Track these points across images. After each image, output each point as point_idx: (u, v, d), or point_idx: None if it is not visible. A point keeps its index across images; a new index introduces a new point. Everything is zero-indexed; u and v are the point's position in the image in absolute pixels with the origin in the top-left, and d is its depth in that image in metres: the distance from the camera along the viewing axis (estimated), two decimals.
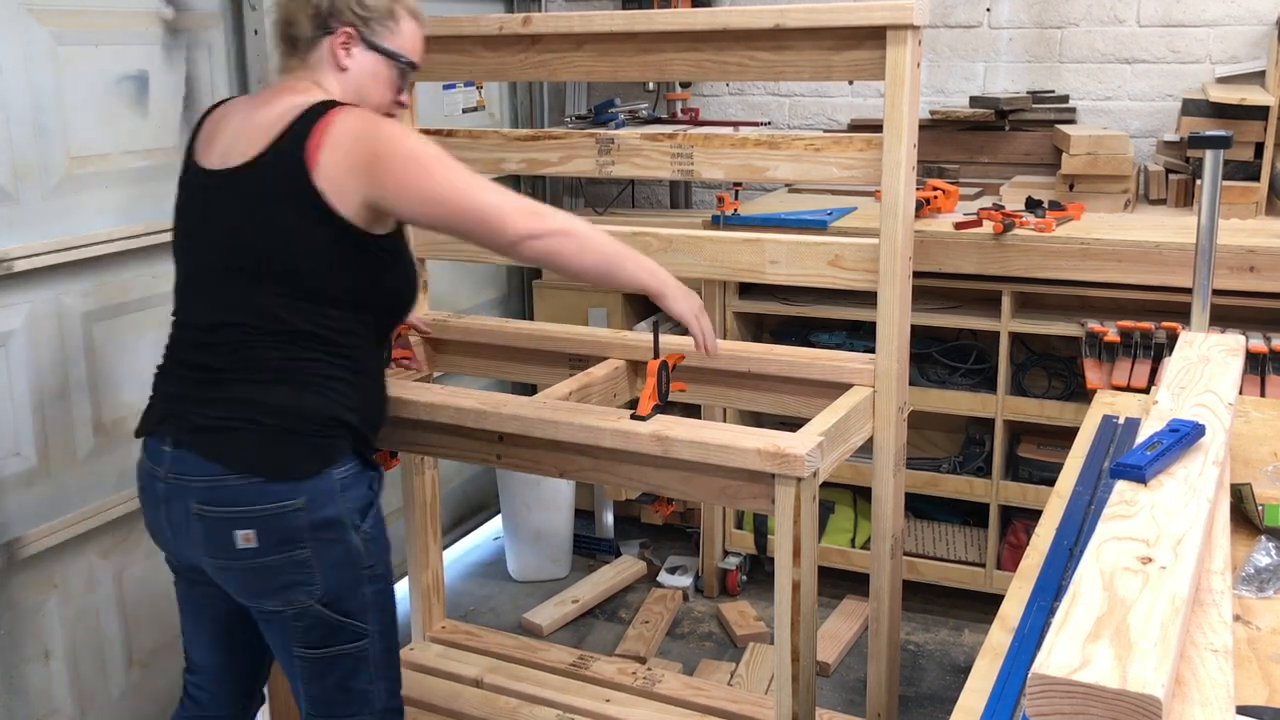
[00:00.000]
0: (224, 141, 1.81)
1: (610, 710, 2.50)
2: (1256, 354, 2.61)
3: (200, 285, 1.83)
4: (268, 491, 1.71)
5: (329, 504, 1.75)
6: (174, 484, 1.76)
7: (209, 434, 1.74)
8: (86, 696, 2.41)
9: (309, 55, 1.85)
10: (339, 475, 1.77)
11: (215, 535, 1.74)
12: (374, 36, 1.85)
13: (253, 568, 1.75)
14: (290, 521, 1.72)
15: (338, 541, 1.77)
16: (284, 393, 1.74)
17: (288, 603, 1.77)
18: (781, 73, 2.19)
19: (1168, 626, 0.98)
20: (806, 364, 2.29)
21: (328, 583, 1.77)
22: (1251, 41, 3.33)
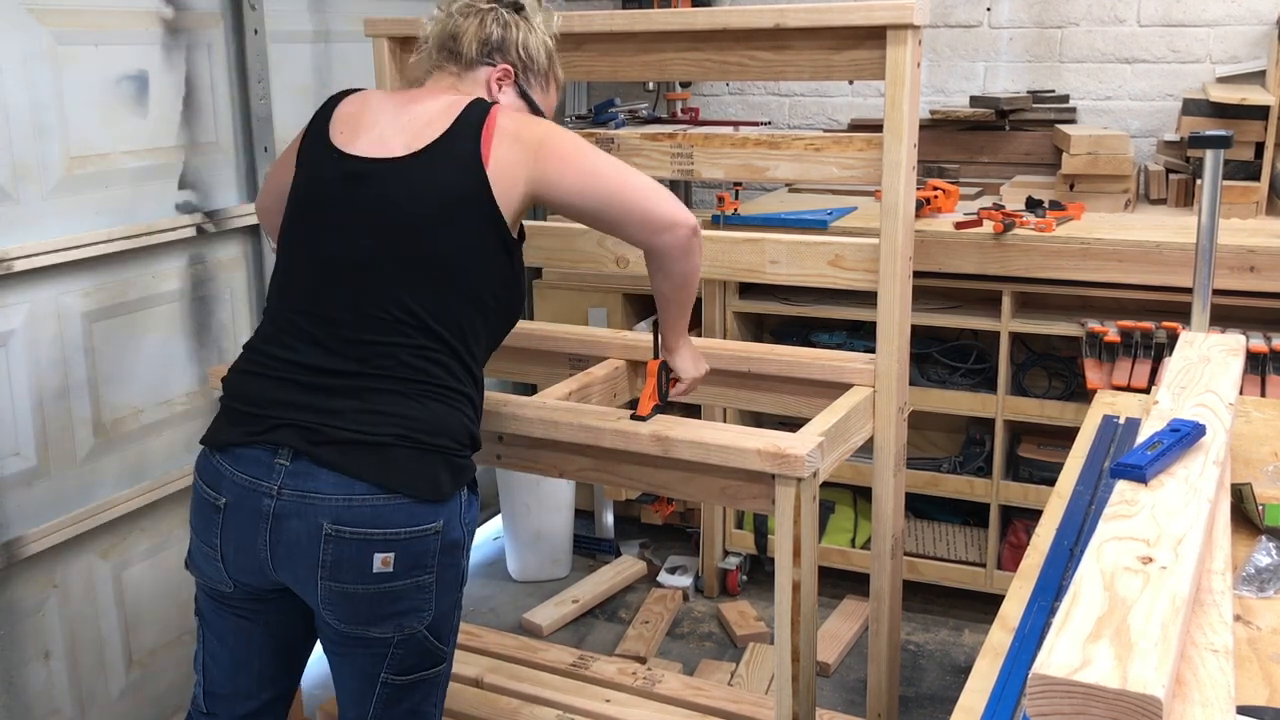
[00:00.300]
0: (376, 131, 1.75)
1: (610, 710, 2.50)
2: (1257, 354, 2.61)
3: (329, 278, 1.71)
4: (414, 513, 1.62)
5: (457, 526, 1.69)
6: (293, 501, 1.61)
7: (347, 447, 1.61)
8: (86, 696, 2.41)
9: (466, 73, 1.86)
10: (463, 496, 1.71)
11: (348, 558, 1.61)
12: (526, 85, 1.89)
13: (380, 592, 1.63)
14: (427, 545, 1.64)
15: (455, 565, 1.71)
16: (428, 404, 1.66)
17: (399, 628, 1.67)
18: (781, 72, 2.19)
19: (1168, 626, 0.98)
20: (806, 364, 2.29)
21: (440, 607, 1.70)
22: (1252, 41, 3.33)
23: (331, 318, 1.68)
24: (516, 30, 1.86)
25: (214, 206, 2.61)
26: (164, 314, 2.52)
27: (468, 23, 1.85)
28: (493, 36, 1.85)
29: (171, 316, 2.53)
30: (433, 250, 1.68)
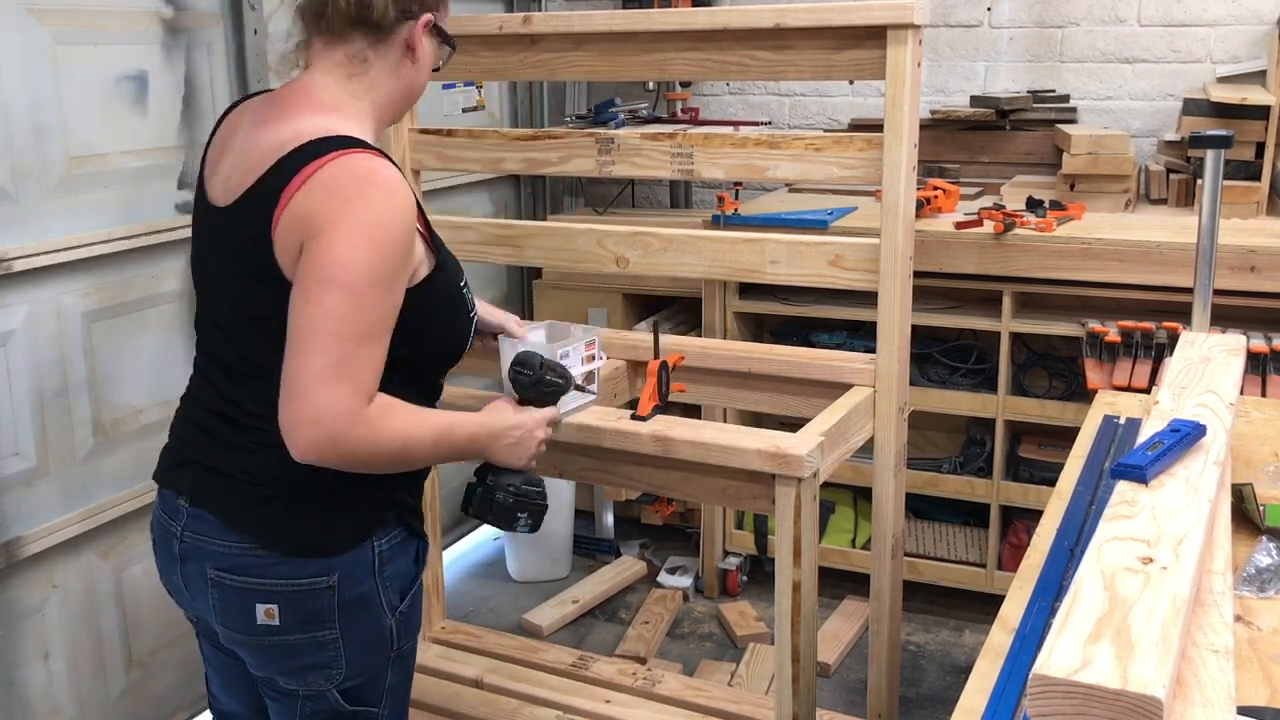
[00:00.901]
0: (225, 168, 1.56)
1: (610, 711, 2.50)
2: (1257, 354, 2.61)
3: (219, 322, 1.59)
4: (295, 566, 1.51)
5: (364, 580, 1.55)
6: (190, 544, 1.56)
7: (226, 492, 1.54)
8: (86, 697, 2.41)
9: (374, 46, 1.56)
10: (381, 547, 1.57)
11: (233, 606, 1.54)
12: (442, 21, 1.64)
13: (271, 645, 1.55)
14: (319, 600, 1.52)
15: (369, 622, 1.57)
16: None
17: (303, 683, 1.58)
18: (782, 72, 2.19)
19: (1169, 627, 0.98)
20: (806, 364, 2.29)
21: (351, 667, 1.57)
22: (1252, 41, 3.33)
23: (225, 364, 1.58)
24: None
25: None
26: (164, 314, 2.52)
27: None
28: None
29: (171, 316, 2.53)
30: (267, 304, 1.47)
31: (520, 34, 2.35)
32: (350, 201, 1.41)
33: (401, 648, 1.64)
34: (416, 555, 1.65)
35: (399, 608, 1.61)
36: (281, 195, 1.43)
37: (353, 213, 1.41)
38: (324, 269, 1.39)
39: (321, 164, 1.43)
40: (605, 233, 2.42)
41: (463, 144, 2.52)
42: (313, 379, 1.38)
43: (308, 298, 1.40)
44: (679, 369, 2.18)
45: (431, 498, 2.73)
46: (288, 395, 1.40)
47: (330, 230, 1.40)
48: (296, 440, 1.40)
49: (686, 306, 3.49)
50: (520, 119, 3.85)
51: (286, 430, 1.41)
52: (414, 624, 1.67)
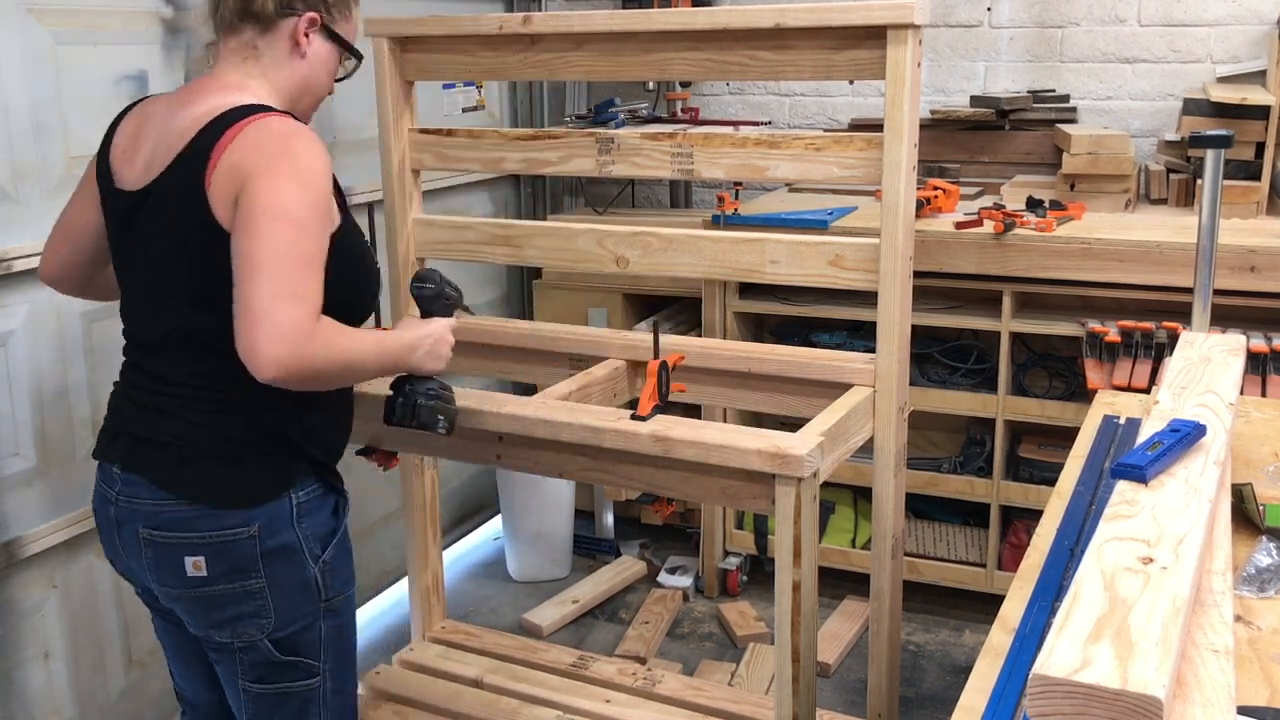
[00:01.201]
0: (145, 154, 1.68)
1: (610, 711, 2.49)
2: (1257, 354, 2.61)
3: (137, 302, 1.73)
4: (218, 518, 1.63)
5: (284, 530, 1.67)
6: (125, 507, 1.68)
7: (153, 456, 1.66)
8: (86, 697, 2.41)
9: (261, 36, 1.69)
10: (299, 499, 1.69)
11: (164, 561, 1.66)
12: (333, 24, 1.74)
13: (201, 596, 1.67)
14: (242, 550, 1.64)
15: (293, 571, 1.69)
16: (227, 412, 1.65)
17: (235, 634, 1.69)
18: (782, 72, 2.19)
19: (1169, 627, 0.98)
20: (806, 364, 2.29)
21: (280, 616, 1.68)
22: (1252, 41, 3.33)
23: (146, 340, 1.71)
24: None
25: None
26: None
27: None
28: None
29: None
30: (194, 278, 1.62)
31: (520, 34, 2.35)
32: (278, 153, 1.56)
33: (331, 600, 1.74)
34: (335, 509, 1.76)
35: (321, 557, 1.71)
36: (211, 153, 1.56)
37: (283, 160, 1.55)
38: (265, 205, 1.52)
39: (244, 124, 1.58)
40: (605, 233, 2.42)
41: (462, 144, 2.52)
42: (270, 300, 1.49)
43: (254, 232, 1.51)
44: (679, 369, 2.18)
45: (431, 498, 2.73)
46: (246, 320, 1.49)
47: (265, 174, 1.53)
48: (261, 359, 1.49)
49: (686, 306, 3.49)
50: (520, 119, 3.85)
51: (249, 352, 1.49)
52: (343, 578, 1.77)
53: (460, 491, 3.72)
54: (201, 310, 1.62)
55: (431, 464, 2.73)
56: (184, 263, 1.62)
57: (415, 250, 2.59)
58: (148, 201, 1.66)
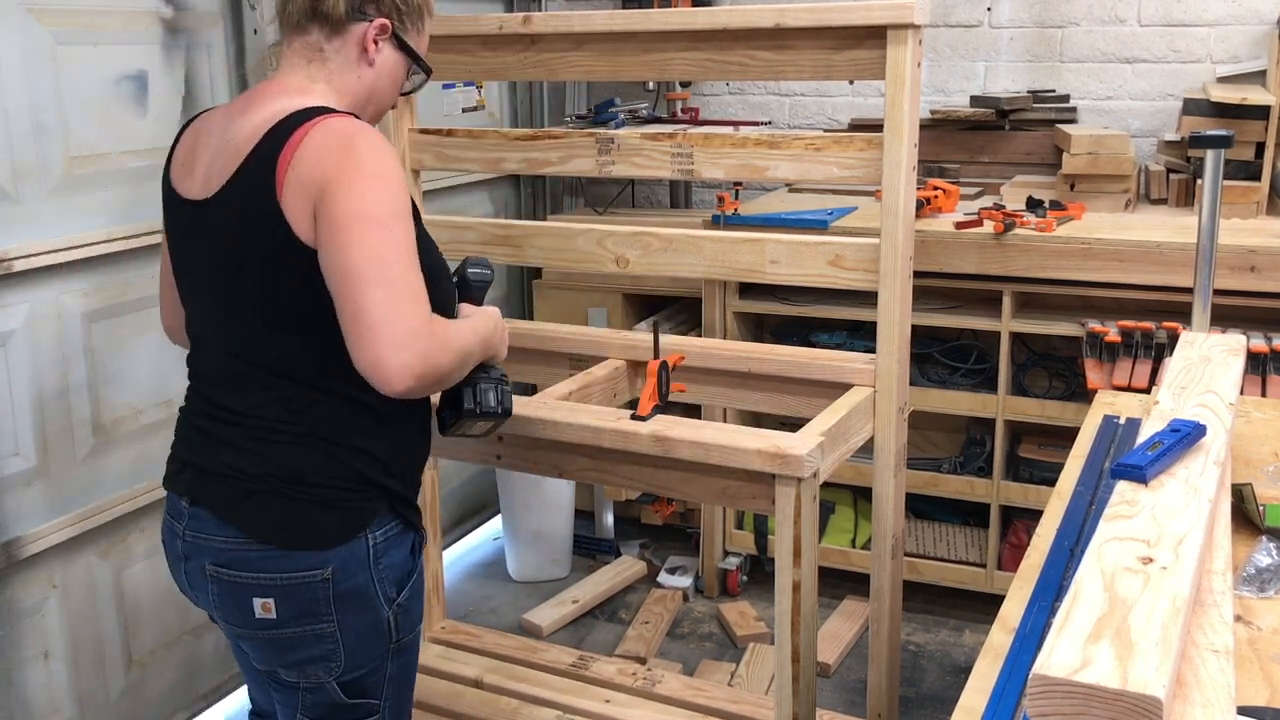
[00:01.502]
0: (204, 164, 1.60)
1: (610, 711, 2.50)
2: (1257, 354, 2.61)
3: (207, 322, 1.64)
4: (290, 559, 1.54)
5: (359, 572, 1.57)
6: (192, 542, 1.60)
7: (225, 492, 1.57)
8: (86, 697, 2.41)
9: (329, 40, 1.61)
10: (374, 539, 1.58)
11: (231, 600, 1.58)
12: (404, 34, 1.66)
13: (269, 639, 1.59)
14: (313, 593, 1.55)
15: (366, 614, 1.59)
16: (301, 447, 1.55)
17: (303, 675, 1.61)
18: (782, 72, 2.19)
19: (1169, 627, 0.98)
20: (806, 364, 2.29)
21: (351, 659, 1.60)
22: (1252, 41, 3.32)
23: (217, 363, 1.63)
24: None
25: None
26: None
27: None
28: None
29: None
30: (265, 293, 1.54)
31: (520, 34, 2.35)
32: (348, 155, 1.47)
33: (401, 640, 1.65)
34: (413, 548, 1.66)
35: (396, 600, 1.62)
36: (278, 162, 1.48)
37: (355, 163, 1.47)
38: (349, 212, 1.44)
39: (308, 128, 1.49)
40: (605, 233, 2.42)
41: (463, 144, 2.52)
42: (383, 308, 1.42)
43: (345, 242, 1.44)
44: (679, 369, 2.18)
45: (431, 498, 2.73)
46: (363, 333, 1.42)
47: (341, 182, 1.45)
48: (390, 371, 1.42)
49: (686, 306, 3.49)
50: (520, 119, 3.85)
51: (374, 366, 1.42)
52: (414, 617, 1.68)
53: (460, 491, 3.72)
54: (274, 332, 1.54)
55: (431, 464, 2.73)
56: (252, 280, 1.53)
57: None
58: (210, 213, 1.57)
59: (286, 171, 1.48)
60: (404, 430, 1.65)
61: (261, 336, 1.55)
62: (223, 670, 2.74)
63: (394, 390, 1.43)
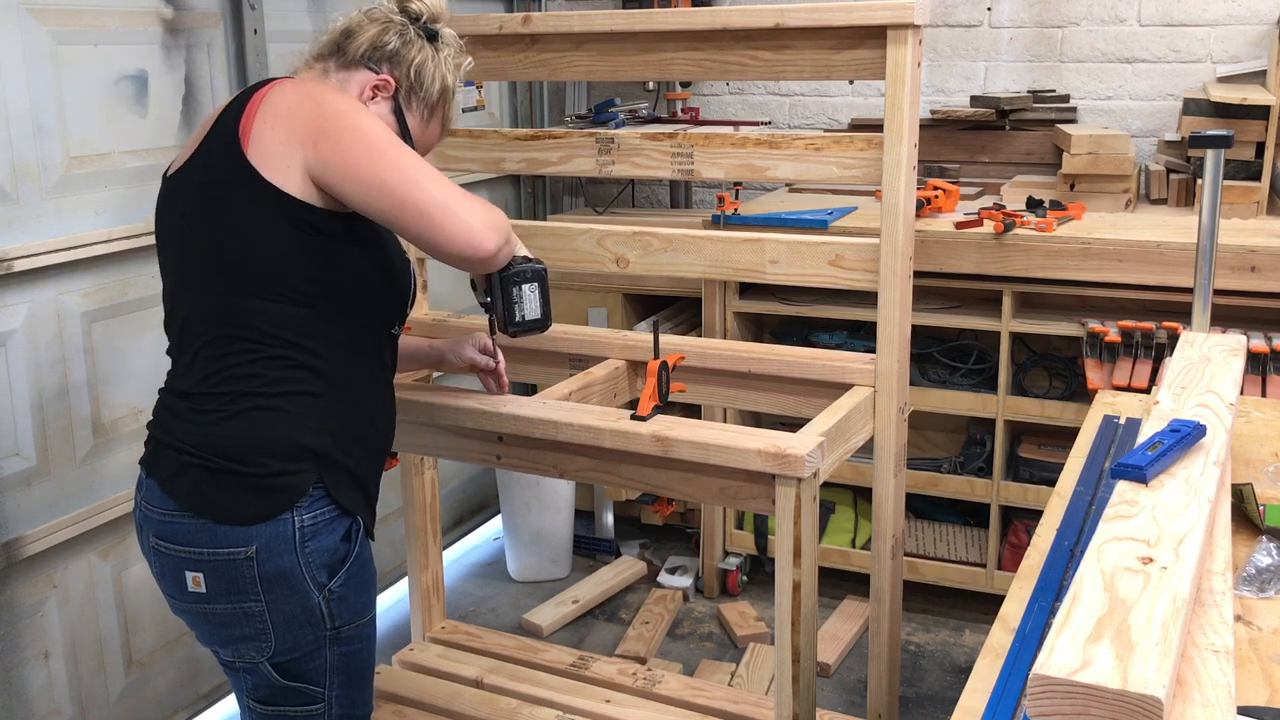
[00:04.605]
0: (187, 147, 1.68)
1: (610, 711, 2.49)
2: (1258, 354, 2.61)
3: (169, 296, 1.69)
4: (215, 534, 1.56)
5: (285, 554, 1.56)
6: (143, 511, 1.66)
7: (165, 461, 1.61)
8: (86, 697, 2.41)
9: (338, 70, 1.71)
10: (301, 521, 1.57)
11: (168, 572, 1.62)
12: (405, 106, 1.73)
13: (201, 613, 1.61)
14: (239, 570, 1.56)
15: (294, 598, 1.58)
16: (232, 417, 1.57)
17: (236, 655, 1.63)
18: (782, 72, 2.19)
19: (1169, 627, 0.98)
20: (806, 364, 2.28)
21: (281, 641, 1.60)
22: (1252, 41, 3.32)
23: (174, 336, 1.68)
24: (418, 52, 1.73)
25: None
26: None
27: (370, 26, 1.72)
28: (389, 46, 1.71)
29: None
30: (221, 248, 1.58)
31: (520, 34, 2.35)
32: (322, 105, 1.58)
33: (340, 629, 1.63)
34: (348, 534, 1.63)
35: (327, 585, 1.60)
36: (241, 117, 1.56)
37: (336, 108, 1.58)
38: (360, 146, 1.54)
39: (266, 90, 1.59)
40: (605, 233, 2.42)
41: (463, 144, 2.52)
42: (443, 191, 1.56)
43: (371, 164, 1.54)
44: (679, 369, 2.18)
45: (431, 498, 2.73)
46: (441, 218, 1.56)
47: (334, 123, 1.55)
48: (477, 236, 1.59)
49: (686, 306, 3.49)
50: (520, 119, 3.85)
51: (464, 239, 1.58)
52: (354, 606, 1.65)
53: (460, 491, 3.72)
54: (224, 294, 1.57)
55: (431, 464, 2.73)
56: (207, 240, 1.58)
57: (415, 250, 2.58)
58: (178, 182, 1.64)
59: (253, 124, 1.55)
60: (359, 395, 1.68)
61: (211, 301, 1.59)
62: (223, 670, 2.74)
63: (489, 250, 1.59)
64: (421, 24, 1.76)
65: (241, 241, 1.56)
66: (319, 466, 1.60)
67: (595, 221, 3.36)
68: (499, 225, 1.62)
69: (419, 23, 1.76)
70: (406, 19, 1.75)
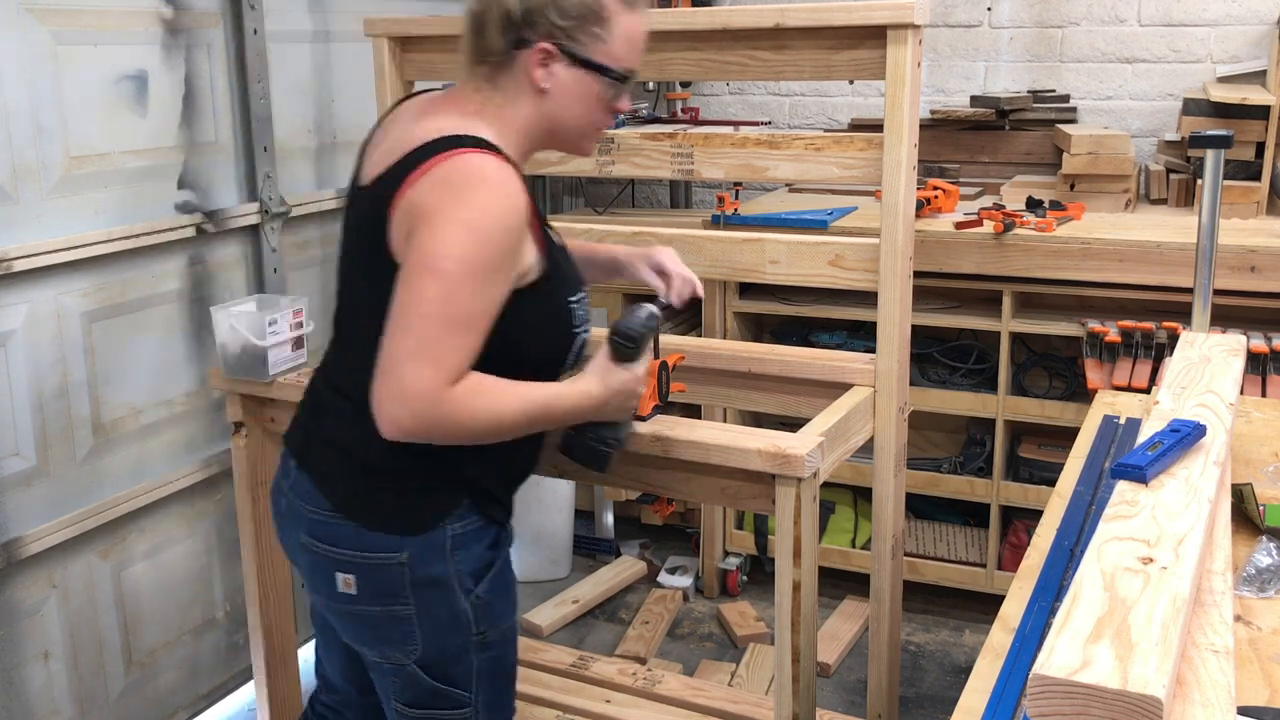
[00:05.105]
0: (380, 152, 1.58)
1: (610, 711, 2.49)
2: (1257, 354, 2.61)
3: (340, 294, 1.68)
4: (369, 539, 1.57)
5: (436, 562, 1.58)
6: (292, 503, 1.64)
7: (321, 460, 1.61)
8: (86, 697, 2.41)
9: (499, 74, 1.56)
10: (453, 530, 1.59)
11: (318, 571, 1.62)
12: (579, 49, 1.54)
13: (351, 614, 1.62)
14: (391, 575, 1.57)
15: (443, 602, 1.60)
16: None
17: (384, 657, 1.63)
18: (782, 72, 2.19)
19: (1169, 627, 0.98)
20: (806, 364, 2.28)
21: (429, 645, 1.61)
22: (1252, 41, 3.33)
23: (338, 336, 1.69)
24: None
25: (214, 207, 2.60)
26: (164, 314, 2.52)
27: (482, 5, 1.56)
28: (514, 13, 1.53)
29: (171, 316, 2.53)
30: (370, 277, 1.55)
31: None
32: (457, 196, 1.44)
33: (485, 634, 1.64)
34: (495, 542, 1.66)
35: (474, 591, 1.62)
36: (403, 183, 1.48)
37: (457, 206, 1.44)
38: (424, 256, 1.44)
39: (440, 160, 1.47)
40: (605, 233, 2.42)
41: None
42: (400, 357, 1.43)
43: (407, 282, 1.44)
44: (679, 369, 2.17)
45: None
46: (379, 372, 1.45)
47: (434, 220, 1.44)
48: (381, 415, 1.44)
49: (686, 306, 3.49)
50: None
51: (375, 405, 1.45)
52: (498, 612, 1.66)
53: None
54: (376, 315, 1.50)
55: None
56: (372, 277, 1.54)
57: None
58: (359, 197, 1.62)
59: (405, 193, 1.47)
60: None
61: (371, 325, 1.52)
62: (223, 670, 2.74)
63: (384, 434, 1.45)
64: None
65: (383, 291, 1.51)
66: (480, 485, 1.63)
67: (595, 222, 3.36)
68: (410, 429, 1.44)
69: None
70: None
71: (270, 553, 2.37)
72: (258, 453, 2.32)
